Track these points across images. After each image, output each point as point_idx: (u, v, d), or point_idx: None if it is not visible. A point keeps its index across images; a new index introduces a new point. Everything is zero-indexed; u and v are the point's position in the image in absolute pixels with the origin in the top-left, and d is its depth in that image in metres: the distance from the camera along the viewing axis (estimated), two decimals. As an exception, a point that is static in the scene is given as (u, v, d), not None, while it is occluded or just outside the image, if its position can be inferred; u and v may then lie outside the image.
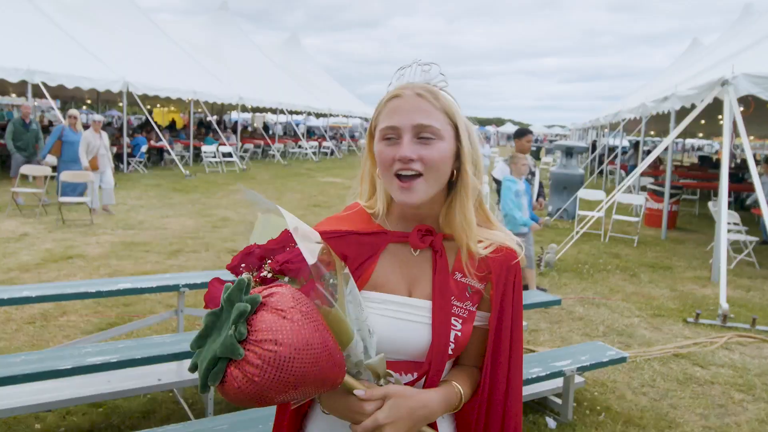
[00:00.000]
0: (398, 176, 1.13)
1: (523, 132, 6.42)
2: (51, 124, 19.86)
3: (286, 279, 1.05)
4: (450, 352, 1.16)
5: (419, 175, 1.12)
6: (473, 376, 1.24)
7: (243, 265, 1.07)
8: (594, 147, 21.82)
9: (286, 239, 1.08)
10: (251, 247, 1.10)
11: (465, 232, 1.18)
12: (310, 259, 1.04)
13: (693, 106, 8.25)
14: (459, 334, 1.16)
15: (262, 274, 1.05)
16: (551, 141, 41.58)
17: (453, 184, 1.20)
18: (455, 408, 1.19)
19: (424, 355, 1.15)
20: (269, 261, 1.07)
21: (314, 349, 0.96)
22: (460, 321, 1.17)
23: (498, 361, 1.21)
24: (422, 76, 1.18)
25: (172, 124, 27.92)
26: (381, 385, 1.10)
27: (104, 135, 9.89)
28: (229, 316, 0.96)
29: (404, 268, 1.20)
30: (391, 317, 1.15)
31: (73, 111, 10.43)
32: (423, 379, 1.15)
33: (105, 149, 9.82)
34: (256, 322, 0.95)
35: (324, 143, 28.40)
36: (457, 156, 1.17)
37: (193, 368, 0.99)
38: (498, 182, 6.30)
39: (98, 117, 9.96)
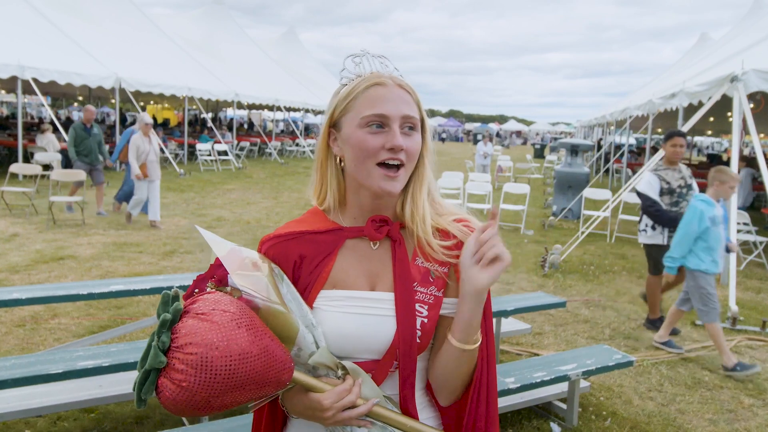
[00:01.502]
0: (384, 165, 1.14)
1: (668, 135, 5.38)
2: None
3: (228, 288, 1.11)
4: (417, 340, 1.15)
5: (402, 164, 1.15)
6: None
7: (196, 291, 1.13)
8: (599, 146, 21.83)
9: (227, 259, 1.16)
10: (202, 274, 1.16)
11: (418, 222, 1.20)
12: (235, 269, 1.10)
13: (701, 103, 8.25)
14: (425, 320, 1.17)
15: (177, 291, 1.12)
16: (555, 139, 41.57)
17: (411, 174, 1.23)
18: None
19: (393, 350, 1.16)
20: (213, 278, 1.13)
21: (239, 346, 0.99)
22: (426, 307, 1.17)
23: None
24: (381, 67, 1.20)
25: (165, 122, 27.93)
26: (339, 377, 1.12)
27: (154, 138, 9.09)
28: None
29: (364, 263, 1.21)
30: (355, 313, 1.16)
31: (145, 114, 9.44)
32: (396, 372, 1.16)
33: (155, 155, 8.98)
34: (178, 328, 0.99)
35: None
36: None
37: (134, 386, 1.02)
38: (644, 198, 5.23)
39: (148, 118, 9.10)
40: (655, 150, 13.99)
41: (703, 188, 4.93)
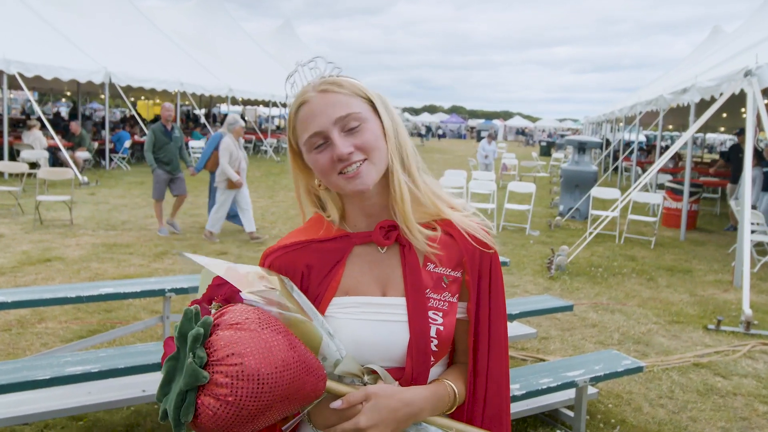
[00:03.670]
0: (342, 173, 1.14)
1: None
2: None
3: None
4: (434, 348, 1.16)
5: (363, 160, 1.14)
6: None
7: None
8: (607, 143, 21.82)
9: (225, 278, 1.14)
10: (197, 300, 1.13)
11: (400, 208, 1.18)
12: (244, 285, 1.07)
13: (713, 99, 8.25)
14: (441, 328, 1.17)
15: (199, 310, 1.08)
16: (562, 135, 41.58)
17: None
18: (449, 407, 1.19)
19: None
20: (215, 298, 1.10)
21: (280, 352, 0.97)
22: (441, 314, 1.18)
23: (479, 353, 1.21)
24: (312, 73, 1.19)
25: (157, 118, 27.94)
26: (366, 384, 1.12)
27: (241, 141, 8.43)
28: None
29: (374, 268, 1.21)
30: (367, 319, 1.16)
31: (234, 116, 8.65)
32: (410, 383, 1.16)
33: (245, 160, 8.29)
34: (213, 342, 0.96)
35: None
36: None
37: (163, 416, 0.99)
38: None
39: (241, 121, 8.30)
40: (666, 148, 13.99)
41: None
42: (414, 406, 1.11)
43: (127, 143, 16.72)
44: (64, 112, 26.98)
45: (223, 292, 1.10)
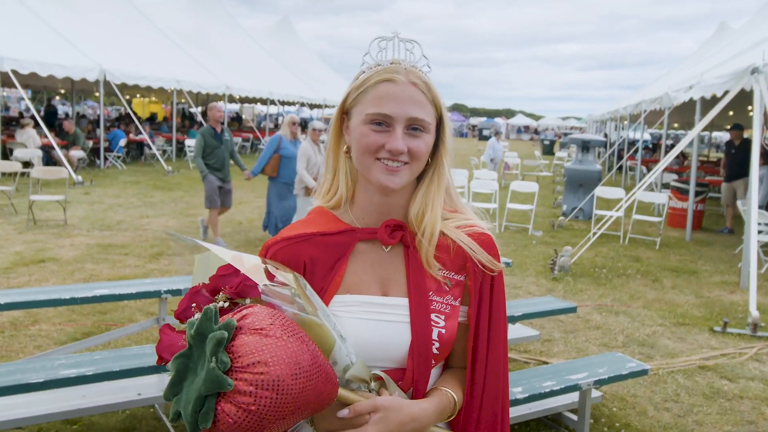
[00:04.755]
0: (381, 160, 1.15)
1: None
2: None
3: (247, 301, 1.05)
4: (435, 351, 1.17)
5: (404, 164, 1.15)
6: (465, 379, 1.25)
7: (194, 305, 1.06)
8: (610, 142, 21.82)
9: (235, 266, 1.10)
10: (197, 286, 1.09)
11: (426, 233, 1.20)
12: (260, 278, 1.05)
13: (717, 96, 8.25)
14: (443, 331, 1.18)
15: (218, 306, 1.05)
16: (566, 134, 41.57)
17: (422, 175, 1.23)
18: (450, 416, 1.20)
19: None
20: (223, 289, 1.07)
21: (304, 362, 0.97)
22: (443, 317, 1.19)
23: (477, 359, 1.22)
24: (407, 55, 1.19)
25: (153, 116, 27.95)
26: (372, 390, 1.12)
27: (322, 147, 7.61)
28: (203, 352, 0.96)
29: (376, 267, 1.22)
30: (368, 319, 1.17)
31: (293, 116, 8.21)
32: (410, 386, 1.16)
33: (323, 165, 7.93)
34: (237, 347, 0.95)
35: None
36: (434, 147, 1.21)
37: (176, 417, 0.98)
38: None
39: (318, 124, 7.66)
40: (671, 146, 13.99)
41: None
42: (420, 422, 1.12)
43: (122, 142, 16.72)
44: (60, 111, 26.96)
45: (234, 284, 1.07)
